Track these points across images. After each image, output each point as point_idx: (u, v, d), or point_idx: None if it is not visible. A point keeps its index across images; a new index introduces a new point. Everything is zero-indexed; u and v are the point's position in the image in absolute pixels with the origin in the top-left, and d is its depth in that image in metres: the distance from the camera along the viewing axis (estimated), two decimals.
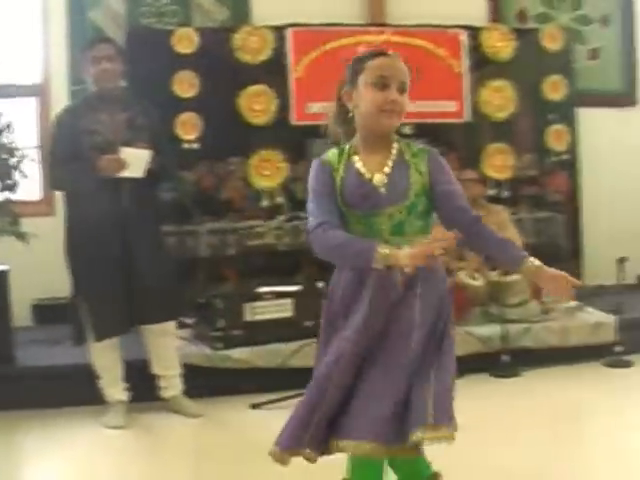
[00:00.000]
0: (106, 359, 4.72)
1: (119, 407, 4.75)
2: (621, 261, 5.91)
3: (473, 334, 5.53)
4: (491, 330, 5.57)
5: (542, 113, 7.08)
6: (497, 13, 7.44)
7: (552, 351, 5.65)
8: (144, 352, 4.86)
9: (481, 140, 6.89)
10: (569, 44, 7.21)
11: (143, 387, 4.88)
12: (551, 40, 7.08)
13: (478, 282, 5.82)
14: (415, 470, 2.76)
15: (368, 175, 2.63)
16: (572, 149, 7.15)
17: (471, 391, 5.07)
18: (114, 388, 4.77)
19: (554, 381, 5.28)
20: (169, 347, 4.88)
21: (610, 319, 5.83)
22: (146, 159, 4.50)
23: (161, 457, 4.31)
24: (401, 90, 2.62)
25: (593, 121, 7.31)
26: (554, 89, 7.04)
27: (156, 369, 4.88)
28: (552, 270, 2.54)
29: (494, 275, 5.82)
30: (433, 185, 2.64)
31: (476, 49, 6.85)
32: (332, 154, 2.71)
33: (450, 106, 6.72)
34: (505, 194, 6.80)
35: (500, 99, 6.80)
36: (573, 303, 6.09)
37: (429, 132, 6.69)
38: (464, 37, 6.81)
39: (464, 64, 6.78)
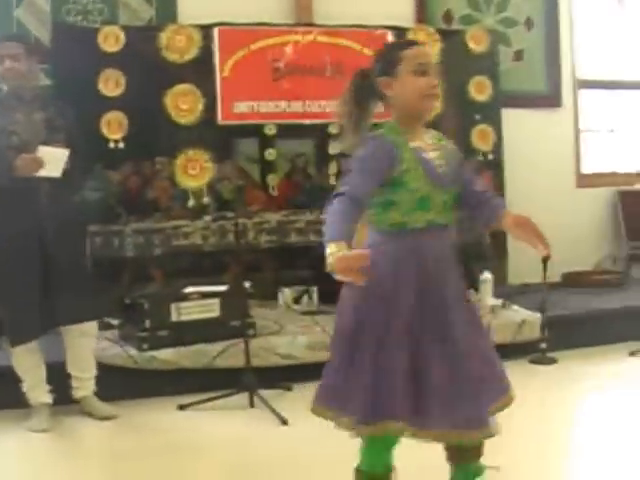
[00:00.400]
0: (27, 362, 4.65)
1: (43, 410, 4.68)
2: (545, 260, 5.99)
3: None
4: None
5: (468, 113, 7.14)
6: (423, 14, 7.49)
7: None
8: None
9: None
10: (494, 46, 7.29)
11: (67, 389, 4.82)
12: (476, 41, 7.15)
13: None
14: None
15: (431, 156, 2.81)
16: (497, 149, 7.24)
17: None
18: (37, 391, 4.69)
19: None
20: (85, 348, 4.80)
21: (535, 317, 5.92)
22: (64, 159, 4.44)
23: (83, 460, 4.25)
24: (437, 76, 2.80)
25: (518, 122, 7.41)
26: (479, 90, 7.12)
27: (71, 369, 4.82)
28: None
29: None
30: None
31: None
32: (391, 134, 2.78)
33: (377, 106, 6.71)
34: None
35: None
36: (498, 301, 6.18)
37: None
38: (390, 37, 6.82)
39: None
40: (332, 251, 2.53)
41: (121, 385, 5.08)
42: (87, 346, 4.82)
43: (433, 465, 3.04)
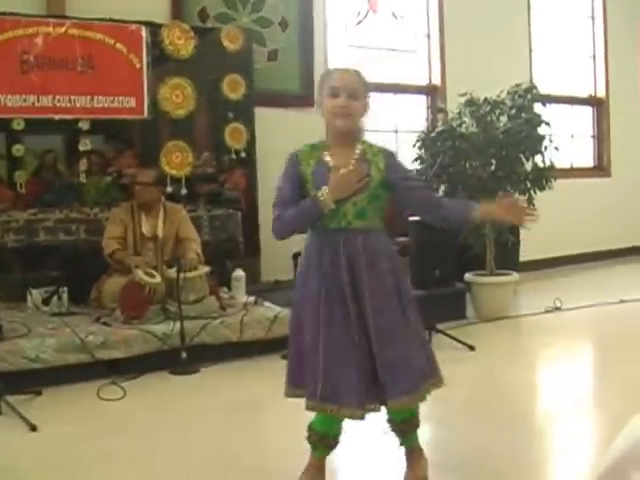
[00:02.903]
0: None
1: None
2: (295, 256, 6.12)
3: (151, 332, 5.53)
4: (169, 327, 5.58)
5: (221, 111, 7.18)
6: (179, 11, 7.48)
7: (230, 346, 5.77)
8: None
9: (160, 137, 6.89)
10: (249, 44, 7.36)
11: None
12: (231, 40, 7.19)
13: (156, 280, 5.83)
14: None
15: (336, 168, 3.21)
16: (249, 147, 7.31)
17: (151, 389, 5.14)
18: None
19: (232, 376, 5.42)
20: None
21: (286, 312, 6.01)
22: None
23: None
24: (351, 97, 3.22)
25: (271, 120, 7.53)
26: (233, 88, 7.16)
27: None
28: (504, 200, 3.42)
29: (172, 272, 5.83)
30: (391, 181, 3.26)
31: (157, 46, 6.82)
32: (305, 149, 3.32)
33: (129, 102, 6.64)
34: (183, 192, 6.85)
35: (180, 96, 6.83)
36: (251, 298, 6.27)
37: (107, 128, 6.65)
38: (145, 33, 6.76)
39: (144, 60, 6.73)
40: (322, 191, 3.15)
41: None
42: None
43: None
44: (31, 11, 6.71)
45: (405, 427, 3.49)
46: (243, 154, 7.23)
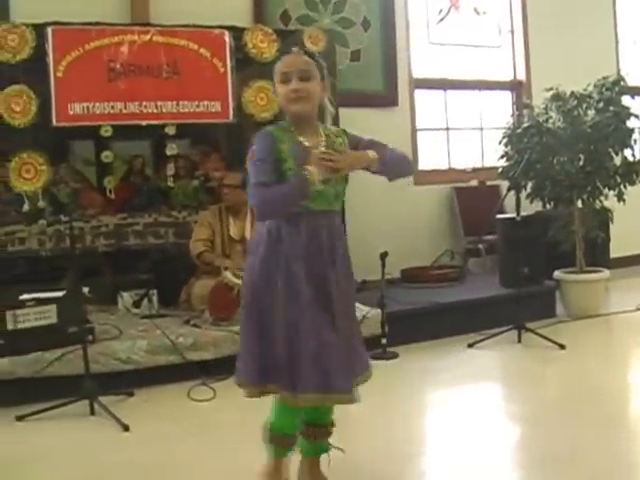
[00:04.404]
0: None
1: None
2: (383, 256, 6.10)
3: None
4: None
5: None
6: (261, 14, 7.54)
7: None
8: None
9: (246, 140, 6.88)
10: (331, 45, 7.35)
11: None
12: (313, 41, 7.20)
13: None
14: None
15: (312, 148, 3.13)
16: None
17: (240, 390, 5.16)
18: None
19: None
20: None
21: (375, 313, 6.03)
22: None
23: None
24: (304, 79, 3.13)
25: (355, 121, 7.49)
26: None
27: None
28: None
29: None
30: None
31: (240, 49, 6.87)
32: (274, 128, 3.21)
33: (214, 106, 6.69)
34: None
35: (264, 99, 6.86)
36: None
37: (193, 132, 6.72)
38: (228, 37, 6.80)
39: (228, 64, 6.78)
40: (308, 171, 3.05)
41: None
42: None
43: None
44: (116, 20, 6.82)
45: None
46: None
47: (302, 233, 3.15)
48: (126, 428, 4.46)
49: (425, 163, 8.55)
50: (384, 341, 5.93)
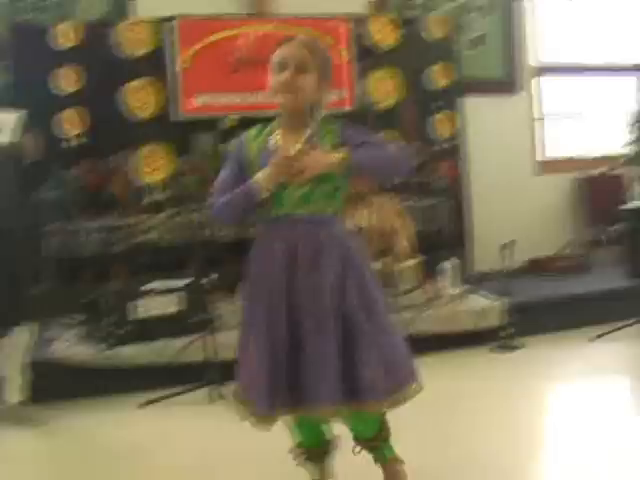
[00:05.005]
0: None
1: None
2: (507, 246, 6.01)
3: None
4: None
5: (428, 101, 7.12)
6: (382, 2, 7.47)
7: (440, 338, 5.71)
8: None
9: (368, 128, 6.86)
10: (452, 32, 7.28)
11: None
12: (435, 28, 7.14)
13: None
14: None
15: (282, 149, 2.89)
16: (457, 136, 7.22)
17: None
18: None
19: (442, 368, 5.34)
20: (21, 351, 4.74)
21: (498, 303, 5.94)
22: (12, 123, 4.33)
23: (26, 467, 4.22)
24: (298, 70, 2.89)
25: (477, 108, 7.42)
26: (438, 77, 7.10)
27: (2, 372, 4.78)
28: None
29: (382, 263, 5.84)
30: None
31: (362, 38, 6.86)
32: (254, 129, 3.05)
33: (337, 95, 6.70)
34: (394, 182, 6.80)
35: (385, 87, 6.83)
36: (461, 289, 6.19)
37: None
38: (350, 26, 6.80)
39: (350, 53, 6.77)
40: (258, 175, 2.88)
41: (82, 383, 5.06)
42: (22, 350, 4.75)
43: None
44: (239, 11, 6.88)
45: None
46: (450, 143, 7.15)
47: (264, 243, 2.98)
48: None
49: (549, 152, 8.35)
50: (507, 332, 5.82)
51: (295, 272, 2.89)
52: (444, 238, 6.91)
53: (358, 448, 3.26)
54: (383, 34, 6.88)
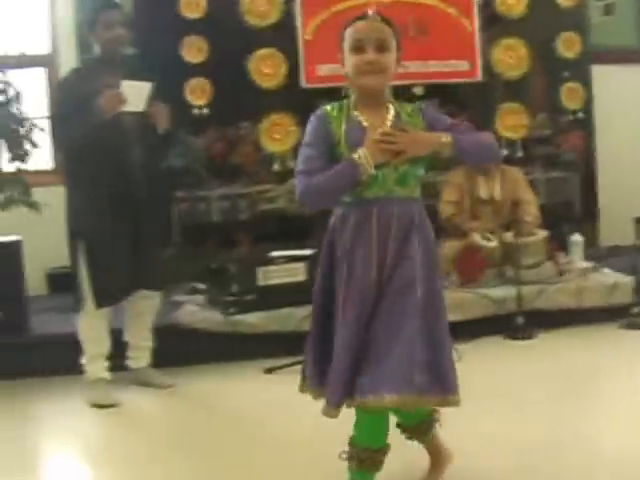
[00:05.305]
0: (94, 332, 4.59)
1: (100, 384, 4.62)
2: (638, 221, 5.84)
3: (487, 296, 5.50)
4: (506, 292, 5.53)
5: (556, 71, 6.94)
6: None
7: (567, 313, 5.60)
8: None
9: (494, 100, 6.77)
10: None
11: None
12: None
13: (492, 243, 5.77)
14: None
15: (373, 127, 2.77)
16: (587, 107, 7.03)
17: (485, 353, 5.10)
18: (96, 366, 4.62)
19: (569, 343, 5.25)
20: (150, 317, 4.81)
21: (627, 280, 5.78)
22: (147, 92, 4.39)
23: (150, 432, 4.26)
24: (380, 49, 2.79)
25: (608, 78, 7.20)
26: (568, 46, 6.89)
27: (131, 338, 4.85)
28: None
29: (509, 236, 5.76)
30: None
31: (488, 7, 6.71)
32: (332, 107, 2.88)
33: (462, 65, 6.59)
34: (519, 154, 6.68)
35: (513, 57, 6.68)
36: (589, 264, 6.05)
37: (440, 92, 6.63)
38: None
39: (476, 22, 6.66)
40: (360, 153, 2.72)
41: (206, 349, 5.14)
42: (151, 315, 4.82)
43: None
44: None
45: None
46: (580, 114, 6.95)
47: (349, 225, 2.81)
48: None
49: None
50: (636, 310, 5.64)
51: (386, 254, 2.78)
52: (571, 211, 6.77)
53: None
54: (510, 3, 6.72)
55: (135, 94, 4.35)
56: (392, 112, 2.84)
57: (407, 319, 2.72)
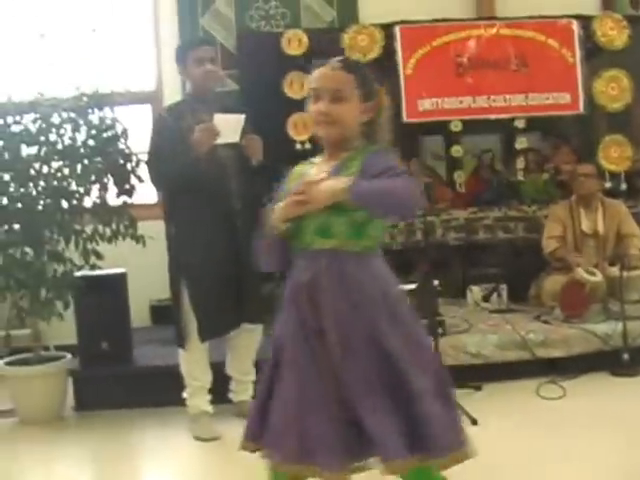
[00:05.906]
0: (197, 367, 4.65)
1: (203, 418, 4.68)
2: None
3: (592, 331, 5.42)
4: (611, 327, 5.44)
5: None
6: (609, 1, 7.27)
7: None
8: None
9: (597, 132, 6.72)
10: None
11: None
12: None
13: (597, 278, 5.70)
14: None
15: (305, 179, 2.59)
16: None
17: (592, 389, 5.03)
18: (199, 399, 4.69)
19: None
20: (252, 351, 4.83)
21: None
22: (240, 124, 4.44)
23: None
24: (335, 100, 2.61)
25: None
26: None
27: (232, 372, 4.90)
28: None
29: (613, 270, 5.69)
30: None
31: (589, 39, 6.66)
32: (305, 162, 2.80)
33: (564, 98, 6.55)
34: (623, 187, 6.58)
35: (615, 89, 6.61)
36: None
37: (542, 125, 6.63)
38: (576, 27, 6.63)
39: (577, 54, 6.61)
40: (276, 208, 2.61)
41: None
42: (253, 349, 4.84)
43: None
44: (463, 15, 6.88)
45: None
46: None
47: (293, 278, 2.66)
48: (474, 422, 4.42)
49: None
50: None
51: (319, 305, 2.56)
52: None
53: None
54: (611, 34, 6.66)
55: (228, 127, 4.41)
56: (340, 160, 2.65)
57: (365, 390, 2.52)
